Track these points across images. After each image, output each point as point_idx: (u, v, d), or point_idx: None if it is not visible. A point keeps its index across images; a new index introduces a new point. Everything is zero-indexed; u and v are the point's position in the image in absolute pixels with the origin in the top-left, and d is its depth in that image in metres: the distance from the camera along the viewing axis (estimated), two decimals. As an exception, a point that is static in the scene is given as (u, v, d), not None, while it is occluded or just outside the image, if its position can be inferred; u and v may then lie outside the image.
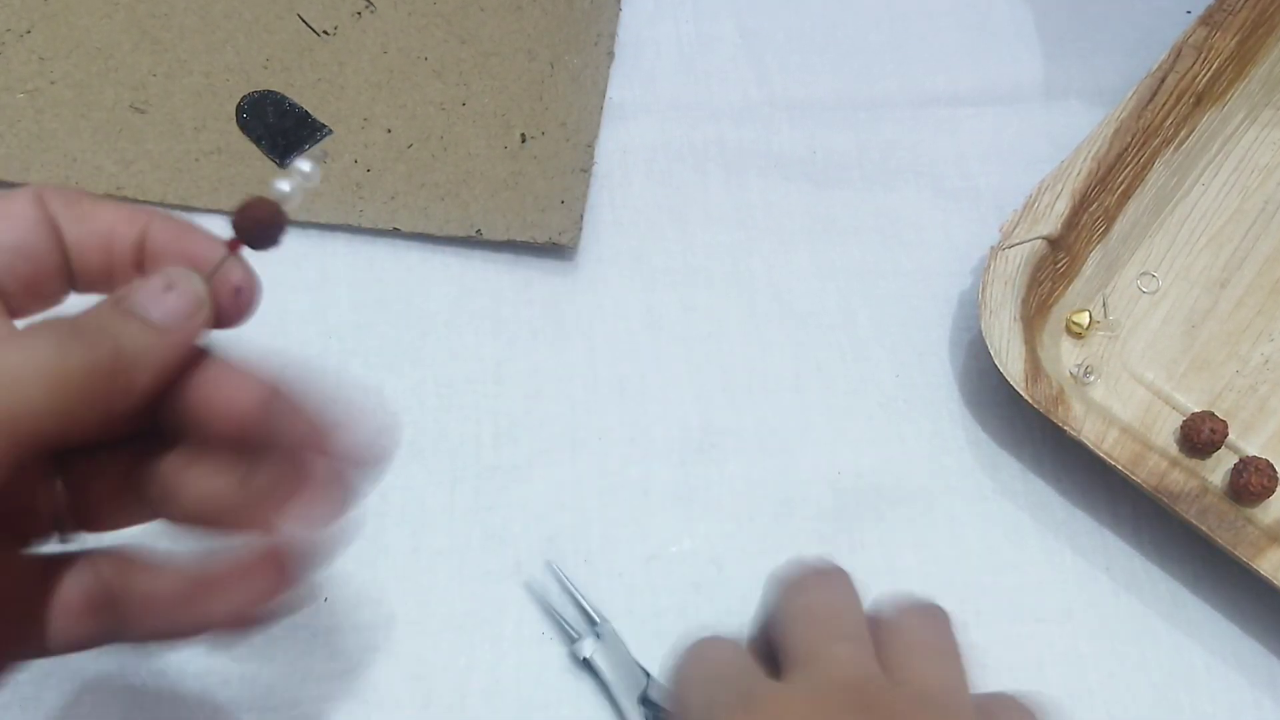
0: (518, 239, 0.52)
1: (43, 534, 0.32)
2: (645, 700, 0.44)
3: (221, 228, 0.54)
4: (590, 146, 0.54)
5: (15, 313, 0.30)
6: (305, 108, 0.53)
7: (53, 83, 0.52)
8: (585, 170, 0.54)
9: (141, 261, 0.31)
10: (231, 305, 0.31)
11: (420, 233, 0.52)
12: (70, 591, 0.31)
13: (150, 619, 0.31)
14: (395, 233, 0.52)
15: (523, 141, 0.54)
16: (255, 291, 0.32)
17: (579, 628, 0.45)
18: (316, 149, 0.31)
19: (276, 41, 0.55)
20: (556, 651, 0.45)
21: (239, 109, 0.53)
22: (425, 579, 0.46)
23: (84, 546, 0.32)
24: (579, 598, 0.45)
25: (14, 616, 0.30)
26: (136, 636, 0.32)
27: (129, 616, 0.31)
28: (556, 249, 0.52)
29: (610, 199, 0.55)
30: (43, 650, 0.31)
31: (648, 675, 0.44)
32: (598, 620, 0.45)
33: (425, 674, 0.45)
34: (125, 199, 0.50)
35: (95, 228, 0.31)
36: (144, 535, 0.32)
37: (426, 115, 0.54)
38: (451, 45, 0.56)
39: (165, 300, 0.29)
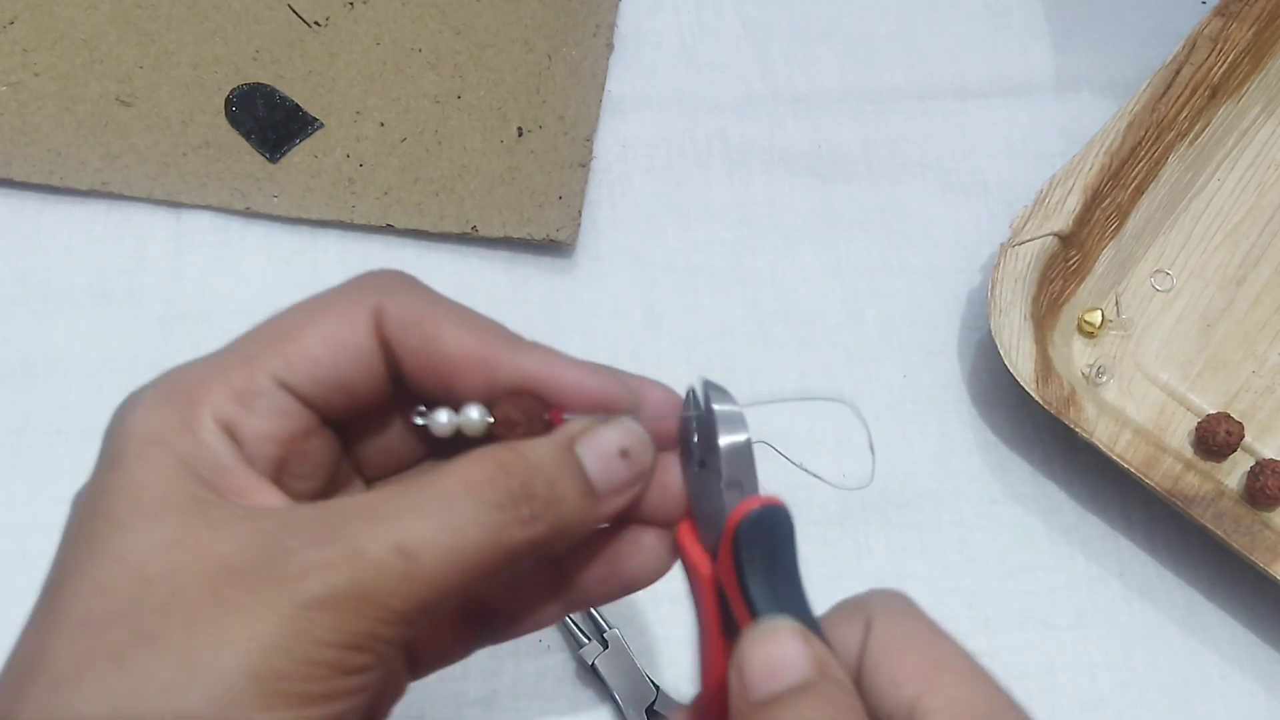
0: (514, 236, 0.52)
1: None
2: (653, 713, 0.44)
3: (211, 222, 0.54)
4: (589, 141, 0.54)
5: (328, 416, 0.28)
6: (296, 100, 0.53)
7: (36, 75, 0.52)
8: (584, 165, 0.54)
9: (488, 393, 0.28)
10: (618, 471, 0.28)
11: (414, 229, 0.52)
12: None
13: (519, 614, 0.31)
14: (388, 229, 0.52)
15: (519, 135, 0.54)
16: (646, 455, 0.29)
17: (585, 633, 0.45)
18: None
19: (266, 32, 0.55)
20: (554, 660, 0.45)
21: (228, 102, 0.53)
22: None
23: None
24: None
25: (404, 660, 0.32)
26: (502, 635, 0.32)
27: (497, 617, 0.31)
28: (554, 246, 0.52)
29: (609, 195, 0.55)
30: (425, 671, 0.32)
31: (657, 688, 0.44)
32: (605, 627, 0.45)
33: (419, 683, 0.45)
34: (111, 194, 0.50)
35: (435, 362, 0.28)
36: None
37: (420, 108, 0.54)
38: (446, 36, 0.56)
39: (615, 467, 0.27)
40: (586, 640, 0.45)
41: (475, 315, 0.29)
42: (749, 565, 0.27)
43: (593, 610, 0.45)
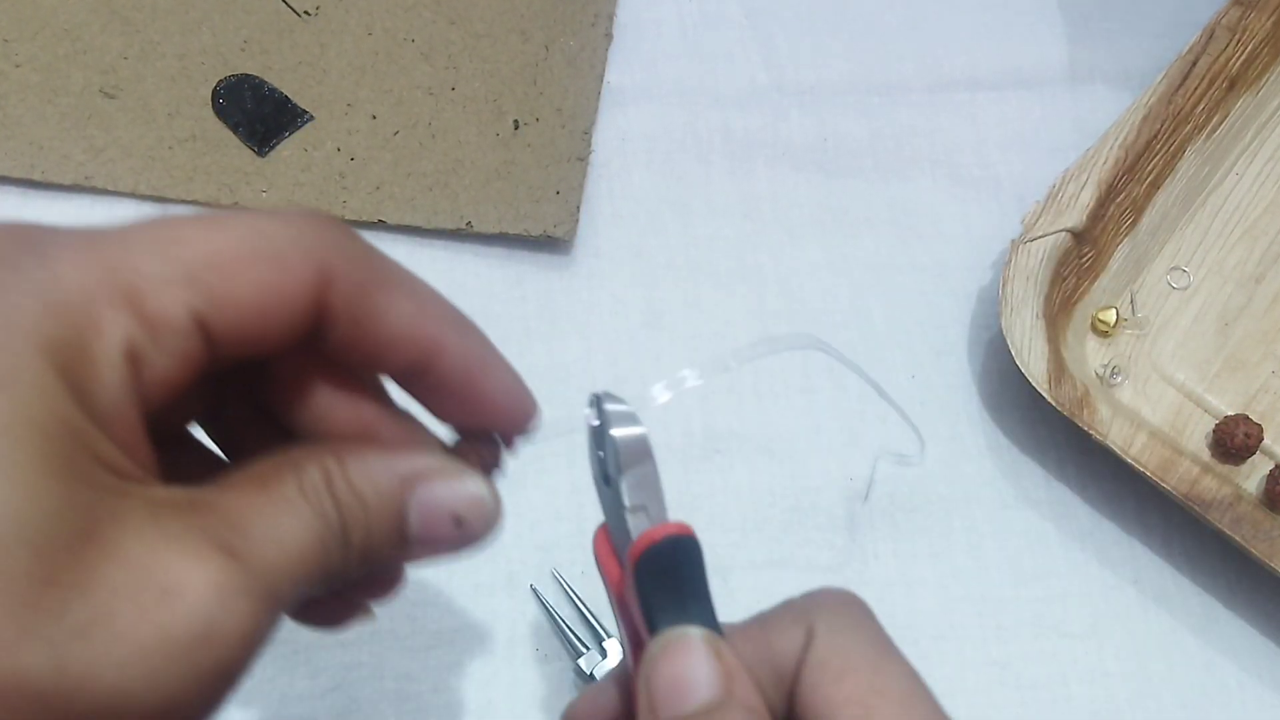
0: (510, 232, 0.52)
1: None
2: None
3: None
4: (587, 134, 0.54)
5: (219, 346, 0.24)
6: (285, 92, 0.53)
7: (17, 66, 0.52)
8: (582, 159, 0.54)
9: (416, 368, 0.27)
10: (443, 535, 0.27)
11: (407, 225, 0.52)
12: None
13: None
14: (380, 225, 0.52)
15: (516, 128, 0.54)
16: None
17: (584, 642, 0.45)
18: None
19: (255, 22, 0.55)
20: (552, 669, 0.45)
21: (215, 94, 0.53)
22: (413, 592, 0.46)
23: None
24: (585, 611, 0.45)
25: None
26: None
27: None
28: (551, 242, 0.52)
29: (608, 189, 0.55)
30: None
31: None
32: (604, 635, 0.45)
33: (413, 693, 0.45)
34: (95, 189, 0.50)
35: (375, 337, 0.26)
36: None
37: (414, 100, 0.54)
38: (440, 26, 0.56)
39: (444, 529, 0.26)
40: (585, 649, 0.45)
41: (417, 282, 0.27)
42: (653, 596, 0.27)
43: (591, 618, 0.45)
